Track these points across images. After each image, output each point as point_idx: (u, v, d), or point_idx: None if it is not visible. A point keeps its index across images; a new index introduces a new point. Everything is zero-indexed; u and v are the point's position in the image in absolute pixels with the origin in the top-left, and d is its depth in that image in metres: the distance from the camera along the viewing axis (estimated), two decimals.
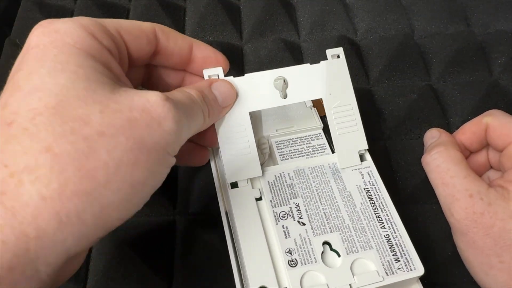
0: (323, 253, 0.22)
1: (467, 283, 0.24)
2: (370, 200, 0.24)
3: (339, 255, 0.22)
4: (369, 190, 0.24)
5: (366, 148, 0.25)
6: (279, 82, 0.26)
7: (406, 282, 0.22)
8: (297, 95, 0.24)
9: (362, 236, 0.22)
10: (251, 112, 0.25)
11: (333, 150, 0.26)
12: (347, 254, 0.22)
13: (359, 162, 0.25)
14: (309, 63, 0.24)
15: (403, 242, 0.22)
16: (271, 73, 0.24)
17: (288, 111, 0.28)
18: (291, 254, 0.21)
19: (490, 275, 0.22)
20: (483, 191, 0.23)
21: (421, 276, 0.21)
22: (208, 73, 0.23)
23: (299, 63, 0.35)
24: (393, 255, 0.22)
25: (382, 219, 0.23)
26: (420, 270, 0.21)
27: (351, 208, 0.23)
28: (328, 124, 0.24)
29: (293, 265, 0.21)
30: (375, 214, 0.23)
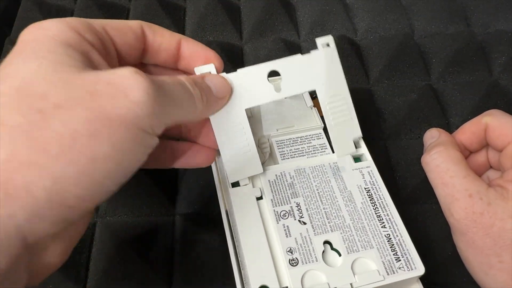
0: (324, 252, 0.22)
1: (467, 283, 0.24)
2: (370, 200, 0.24)
3: (340, 255, 0.22)
4: (369, 190, 0.24)
5: (361, 136, 0.25)
6: (278, 83, 0.26)
7: (407, 282, 0.22)
8: (292, 88, 0.23)
9: (363, 236, 0.22)
10: (250, 111, 0.25)
11: (333, 150, 0.26)
12: (348, 253, 0.22)
13: (354, 149, 0.25)
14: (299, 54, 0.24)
15: (403, 241, 0.22)
16: (263, 66, 0.23)
17: (288, 110, 0.28)
18: (292, 253, 0.21)
19: (490, 275, 0.22)
20: (482, 191, 0.23)
21: (421, 275, 0.21)
22: (200, 70, 0.23)
23: None
24: (393, 254, 0.22)
25: (382, 219, 0.23)
26: (420, 270, 0.21)
27: (351, 208, 0.23)
28: (323, 113, 0.24)
29: (294, 264, 0.21)
30: (375, 213, 0.23)
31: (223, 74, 0.23)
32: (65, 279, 0.24)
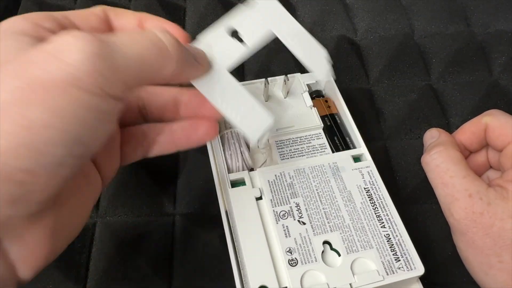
0: (323, 252, 0.22)
1: (467, 283, 0.24)
2: (370, 200, 0.24)
3: (339, 255, 0.22)
4: (369, 190, 0.24)
5: (328, 57, 0.24)
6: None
7: (406, 282, 0.22)
8: (254, 38, 0.23)
9: (362, 236, 0.22)
10: None
11: (333, 150, 0.26)
12: (348, 253, 0.22)
13: (330, 66, 0.24)
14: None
15: (403, 241, 0.22)
16: (220, 25, 0.23)
17: (288, 110, 0.28)
18: (291, 254, 0.21)
19: (490, 275, 0.22)
20: (482, 191, 0.23)
21: (421, 275, 0.21)
22: None
23: (298, 63, 0.35)
24: (393, 254, 0.22)
25: (382, 219, 0.23)
26: (420, 270, 0.21)
27: (351, 208, 0.23)
28: (292, 51, 0.24)
29: (293, 264, 0.21)
30: (375, 213, 0.23)
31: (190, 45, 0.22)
32: (65, 279, 0.24)
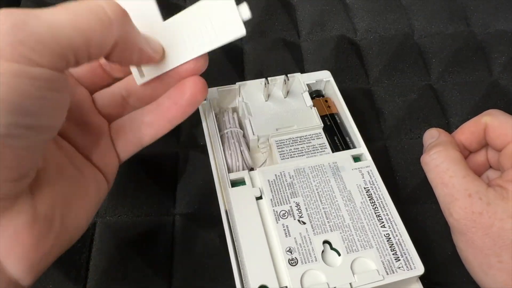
0: (323, 252, 0.22)
1: (466, 282, 0.24)
2: (370, 199, 0.24)
3: (339, 254, 0.22)
4: (369, 190, 0.24)
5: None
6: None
7: (406, 281, 0.22)
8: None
9: (362, 235, 0.22)
10: (248, 111, 0.24)
11: (333, 150, 0.26)
12: (347, 253, 0.22)
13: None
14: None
15: (403, 241, 0.22)
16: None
17: (288, 110, 0.28)
18: (291, 253, 0.21)
19: (489, 275, 0.22)
20: (482, 190, 0.23)
21: (421, 275, 0.21)
22: None
23: (299, 63, 0.36)
24: (393, 254, 0.22)
25: (382, 218, 0.23)
26: (420, 269, 0.21)
27: (351, 207, 0.23)
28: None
29: (294, 264, 0.21)
30: (375, 213, 0.23)
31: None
32: (65, 279, 0.24)
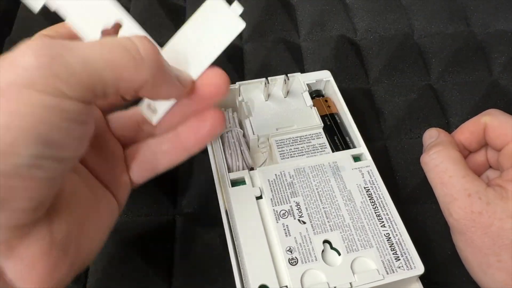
0: (323, 251, 0.22)
1: (466, 282, 0.24)
2: (370, 199, 0.24)
3: (339, 254, 0.22)
4: (369, 189, 0.24)
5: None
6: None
7: (406, 281, 0.22)
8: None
9: (362, 235, 0.22)
10: (248, 111, 0.24)
11: (333, 149, 0.26)
12: (348, 252, 0.22)
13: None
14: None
15: (403, 241, 0.22)
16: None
17: (288, 110, 0.28)
18: (291, 253, 0.21)
19: (489, 274, 0.22)
20: (481, 190, 0.23)
21: (421, 275, 0.21)
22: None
23: (298, 62, 0.36)
24: (393, 254, 0.22)
25: (382, 218, 0.23)
26: (420, 269, 0.21)
27: (351, 207, 0.23)
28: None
29: (294, 263, 0.21)
30: (375, 213, 0.23)
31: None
32: None
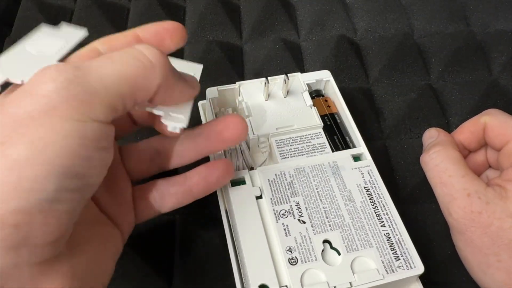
0: (323, 251, 0.22)
1: (466, 282, 0.25)
2: (370, 199, 0.24)
3: (339, 253, 0.22)
4: (369, 189, 0.24)
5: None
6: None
7: (406, 281, 0.22)
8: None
9: (362, 235, 0.22)
10: (248, 110, 0.25)
11: (333, 149, 0.26)
12: (347, 252, 0.22)
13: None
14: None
15: (403, 240, 0.22)
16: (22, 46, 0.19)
17: (288, 110, 0.28)
18: (291, 252, 0.21)
19: (488, 274, 0.22)
20: (481, 190, 0.23)
21: (420, 274, 0.21)
22: None
23: (298, 62, 0.36)
24: (393, 253, 0.22)
25: (382, 218, 0.23)
26: (420, 269, 0.21)
27: (351, 207, 0.23)
28: None
29: (294, 263, 0.21)
30: (375, 212, 0.23)
31: None
32: None
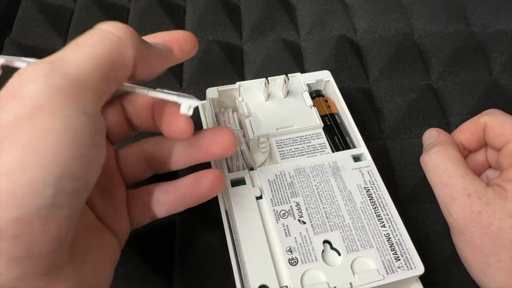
0: (323, 251, 0.22)
1: (466, 282, 0.25)
2: (370, 199, 0.24)
3: (339, 254, 0.22)
4: (369, 189, 0.24)
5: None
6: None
7: (406, 281, 0.22)
8: None
9: (363, 235, 0.22)
10: (248, 110, 0.25)
11: (333, 149, 0.26)
12: (348, 252, 0.22)
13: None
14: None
15: (403, 241, 0.22)
16: None
17: (288, 110, 0.28)
18: (291, 253, 0.21)
19: (488, 274, 0.22)
20: (481, 190, 0.23)
21: (420, 275, 0.21)
22: None
23: (298, 62, 0.36)
24: (393, 254, 0.22)
25: (382, 218, 0.23)
26: (420, 269, 0.21)
27: (351, 207, 0.23)
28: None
29: (294, 263, 0.21)
30: (375, 213, 0.23)
31: None
32: None
